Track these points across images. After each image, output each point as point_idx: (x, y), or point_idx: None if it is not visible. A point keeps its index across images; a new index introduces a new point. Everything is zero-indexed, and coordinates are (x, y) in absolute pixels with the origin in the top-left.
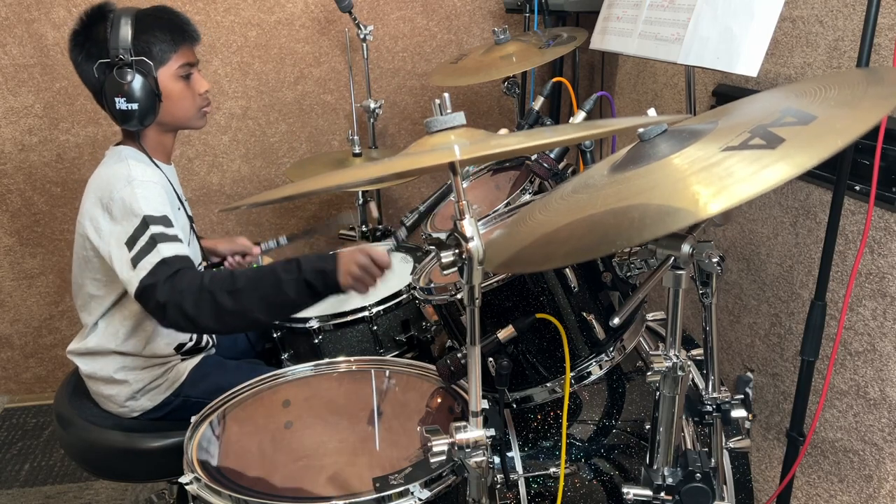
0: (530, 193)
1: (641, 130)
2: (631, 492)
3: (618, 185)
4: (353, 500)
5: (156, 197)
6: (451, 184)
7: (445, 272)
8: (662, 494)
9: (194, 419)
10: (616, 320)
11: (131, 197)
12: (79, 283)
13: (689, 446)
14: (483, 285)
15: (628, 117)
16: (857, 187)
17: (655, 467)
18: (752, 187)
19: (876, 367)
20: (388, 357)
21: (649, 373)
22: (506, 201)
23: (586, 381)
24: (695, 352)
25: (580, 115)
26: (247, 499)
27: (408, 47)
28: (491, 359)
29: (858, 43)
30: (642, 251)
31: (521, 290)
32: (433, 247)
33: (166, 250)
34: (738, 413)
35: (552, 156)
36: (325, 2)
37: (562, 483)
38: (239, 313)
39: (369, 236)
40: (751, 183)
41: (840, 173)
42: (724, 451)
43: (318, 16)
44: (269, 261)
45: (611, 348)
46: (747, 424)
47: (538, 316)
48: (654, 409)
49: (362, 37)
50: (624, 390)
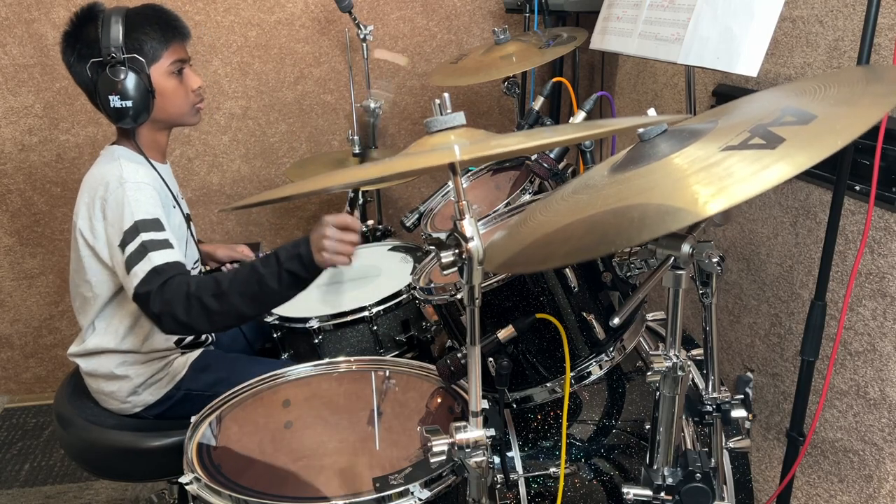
0: (530, 193)
1: (641, 130)
2: (631, 492)
3: (618, 185)
4: (353, 500)
5: (147, 199)
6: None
7: (445, 272)
8: (662, 494)
9: (194, 419)
10: (616, 320)
11: (123, 199)
12: (75, 284)
13: (689, 446)
14: (483, 285)
15: (628, 117)
16: (857, 187)
17: (655, 467)
18: (751, 187)
19: (876, 367)
20: (388, 357)
21: (649, 373)
22: (506, 201)
23: (586, 381)
24: (695, 352)
25: (580, 115)
26: (247, 499)
27: (408, 47)
28: (491, 359)
29: (858, 43)
30: (642, 251)
31: (521, 290)
32: (433, 247)
33: (157, 258)
34: (738, 413)
35: (552, 156)
36: (325, 2)
37: (562, 483)
38: (229, 313)
39: (369, 236)
40: (750, 183)
41: (840, 173)
42: (724, 451)
43: (318, 16)
44: None
45: (611, 348)
46: (747, 424)
47: (538, 316)
48: (654, 409)
49: (362, 37)
50: (624, 390)
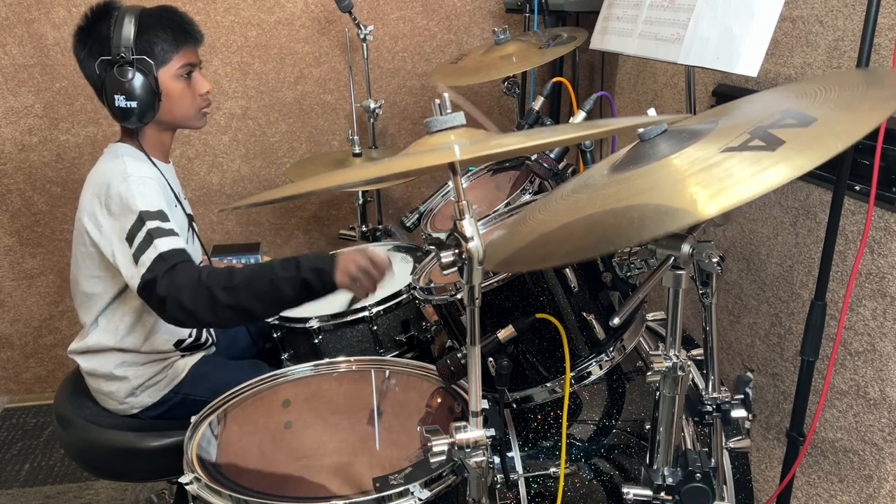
0: (530, 193)
1: (641, 130)
2: (631, 492)
3: (617, 185)
4: (353, 500)
5: (151, 192)
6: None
7: (445, 272)
8: (662, 494)
9: (194, 419)
10: (616, 320)
11: (127, 193)
12: (77, 281)
13: (689, 446)
14: (483, 285)
15: (628, 117)
16: (857, 187)
17: (655, 467)
18: (751, 189)
19: (876, 367)
20: (388, 357)
21: (649, 373)
22: (506, 201)
23: (586, 381)
24: (695, 352)
25: (580, 115)
26: (247, 499)
27: (408, 47)
28: (491, 359)
29: (858, 43)
30: (642, 251)
31: (521, 290)
32: (433, 247)
33: (163, 245)
34: (738, 413)
35: (552, 156)
36: (325, 2)
37: (562, 483)
38: (235, 308)
39: (369, 236)
40: (750, 184)
41: (840, 173)
42: (724, 451)
43: (318, 16)
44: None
45: (611, 348)
46: (747, 424)
47: (538, 316)
48: (654, 409)
49: (362, 37)
50: (624, 390)
